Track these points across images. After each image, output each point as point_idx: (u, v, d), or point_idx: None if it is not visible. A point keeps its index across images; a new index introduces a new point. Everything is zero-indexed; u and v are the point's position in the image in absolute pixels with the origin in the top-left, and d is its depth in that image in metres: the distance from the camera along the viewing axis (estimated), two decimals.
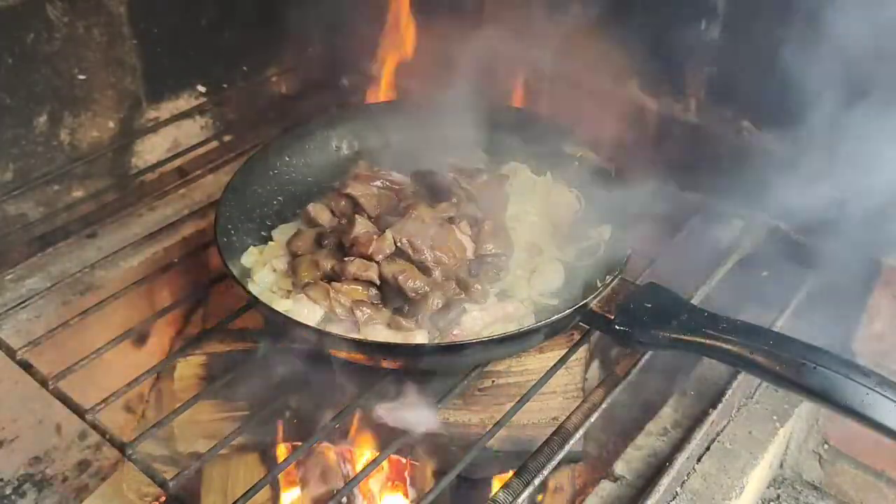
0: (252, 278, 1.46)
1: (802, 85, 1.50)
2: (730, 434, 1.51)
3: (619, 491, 1.40)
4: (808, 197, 1.59)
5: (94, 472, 1.93)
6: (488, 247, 1.44)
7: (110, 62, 1.88)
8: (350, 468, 1.54)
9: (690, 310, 1.28)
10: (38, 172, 1.81)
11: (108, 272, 1.72)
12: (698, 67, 1.65)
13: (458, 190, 1.50)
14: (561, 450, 1.20)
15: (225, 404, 1.52)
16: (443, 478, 1.20)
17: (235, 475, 1.57)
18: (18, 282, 1.74)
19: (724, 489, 1.41)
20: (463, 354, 1.31)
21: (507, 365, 1.49)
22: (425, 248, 1.38)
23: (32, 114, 1.78)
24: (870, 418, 1.07)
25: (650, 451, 1.46)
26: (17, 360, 1.39)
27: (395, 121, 1.78)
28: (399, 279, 1.33)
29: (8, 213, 1.78)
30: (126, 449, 1.24)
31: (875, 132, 1.45)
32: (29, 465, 1.83)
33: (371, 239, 1.38)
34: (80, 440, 1.91)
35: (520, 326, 1.32)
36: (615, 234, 1.52)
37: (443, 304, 1.34)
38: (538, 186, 1.65)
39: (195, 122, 2.12)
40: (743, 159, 1.66)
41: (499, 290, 1.45)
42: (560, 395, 1.46)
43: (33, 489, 1.84)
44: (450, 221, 1.46)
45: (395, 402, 1.32)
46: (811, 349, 1.17)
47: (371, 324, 1.33)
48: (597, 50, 1.78)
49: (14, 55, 1.70)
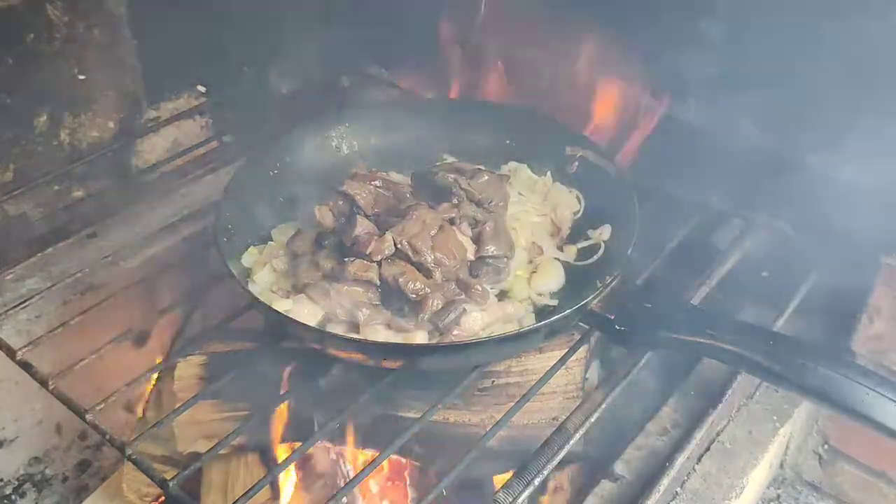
0: (252, 278, 1.46)
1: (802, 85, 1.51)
2: (730, 434, 1.51)
3: (619, 491, 1.40)
4: (807, 196, 1.60)
5: (94, 472, 1.93)
6: (489, 248, 1.44)
7: (110, 62, 1.89)
8: (350, 468, 1.54)
9: (690, 310, 1.28)
10: (38, 172, 1.81)
11: (108, 272, 1.72)
12: (698, 67, 1.65)
13: (458, 191, 1.50)
14: (561, 450, 1.20)
15: (225, 404, 1.52)
16: (443, 478, 1.20)
17: (235, 475, 1.57)
18: (19, 282, 1.74)
19: (724, 489, 1.41)
20: (463, 355, 1.31)
21: (507, 365, 1.49)
22: (426, 249, 1.38)
23: (33, 114, 1.78)
24: (870, 418, 1.07)
25: (650, 450, 1.46)
26: (18, 360, 1.39)
27: (396, 121, 1.78)
28: (399, 281, 1.33)
29: (8, 213, 1.79)
30: (126, 449, 1.24)
31: (876, 130, 1.45)
32: (29, 464, 1.84)
33: (371, 240, 1.37)
34: (81, 440, 1.91)
35: (520, 327, 1.32)
36: (615, 234, 1.52)
37: (443, 305, 1.34)
38: (538, 186, 1.65)
39: (195, 122, 2.13)
40: (743, 159, 1.66)
41: (499, 290, 1.45)
42: (560, 395, 1.46)
43: (33, 489, 1.84)
44: (450, 223, 1.46)
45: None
46: (811, 349, 1.17)
47: (371, 324, 1.33)
48: (598, 50, 1.78)
49: (14, 55, 1.70)
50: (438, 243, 1.40)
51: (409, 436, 1.26)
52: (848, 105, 1.48)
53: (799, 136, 1.58)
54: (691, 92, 1.69)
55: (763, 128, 1.62)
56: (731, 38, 1.57)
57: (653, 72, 1.73)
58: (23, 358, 1.38)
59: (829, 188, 1.56)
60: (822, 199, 1.57)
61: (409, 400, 1.45)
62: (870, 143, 1.48)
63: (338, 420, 1.29)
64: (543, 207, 1.60)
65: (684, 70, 1.66)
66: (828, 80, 1.49)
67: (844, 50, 1.44)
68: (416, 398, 1.45)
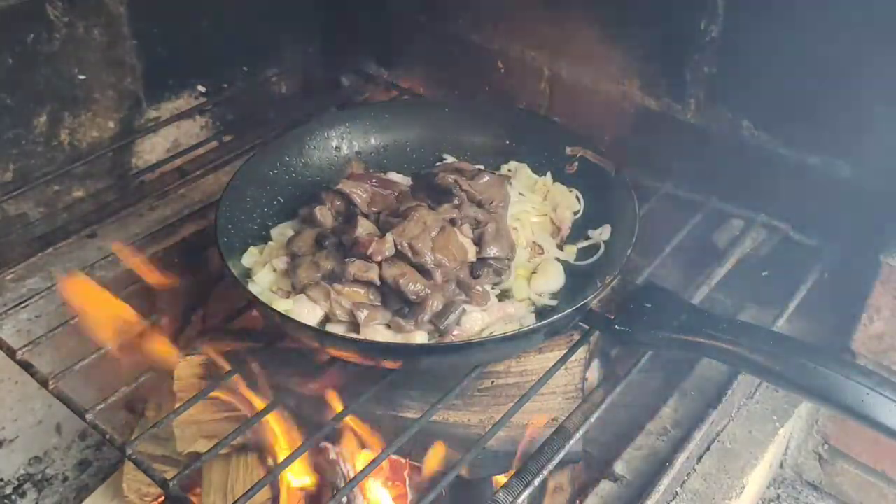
0: (252, 278, 1.45)
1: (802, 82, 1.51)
2: (730, 434, 1.51)
3: (620, 491, 1.40)
4: (807, 196, 1.60)
5: (94, 472, 1.93)
6: (491, 250, 1.44)
7: (110, 62, 1.89)
8: (350, 468, 1.54)
9: (690, 310, 1.28)
10: (38, 172, 1.81)
11: (108, 272, 1.72)
12: (698, 67, 1.65)
13: (459, 191, 1.50)
14: (561, 450, 1.20)
15: (225, 404, 1.52)
16: (442, 478, 1.20)
17: (235, 475, 1.57)
18: (19, 282, 1.74)
19: (724, 489, 1.41)
20: (463, 354, 1.31)
21: (507, 366, 1.49)
22: (426, 250, 1.38)
23: (32, 114, 1.78)
24: (870, 418, 1.07)
25: (650, 450, 1.46)
26: (18, 359, 1.39)
27: (396, 121, 1.78)
28: (400, 282, 1.33)
29: (8, 213, 1.79)
30: (126, 449, 1.24)
31: (877, 130, 1.45)
32: (29, 464, 1.84)
33: (372, 240, 1.38)
34: (81, 440, 1.91)
35: (520, 327, 1.32)
36: (615, 234, 1.51)
37: (443, 306, 1.34)
38: (538, 186, 1.65)
39: (195, 122, 2.13)
40: (743, 159, 1.66)
41: (499, 290, 1.45)
42: (560, 395, 1.46)
43: (33, 489, 1.84)
44: (451, 223, 1.46)
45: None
46: (811, 349, 1.17)
47: (371, 325, 1.33)
48: (597, 50, 1.78)
49: (14, 55, 1.70)
50: (439, 244, 1.40)
51: (409, 436, 1.26)
52: (848, 105, 1.48)
53: (799, 136, 1.58)
54: (691, 92, 1.69)
55: (763, 128, 1.62)
56: (732, 37, 1.58)
57: (652, 71, 1.73)
58: (23, 357, 1.39)
59: (830, 188, 1.56)
60: (822, 198, 1.58)
61: (408, 400, 1.45)
62: (870, 143, 1.48)
63: (338, 420, 1.29)
64: (543, 207, 1.60)
65: (684, 69, 1.67)
66: (828, 80, 1.49)
67: (844, 49, 1.44)
68: (416, 398, 1.45)
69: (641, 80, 1.76)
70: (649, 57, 1.72)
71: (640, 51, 1.73)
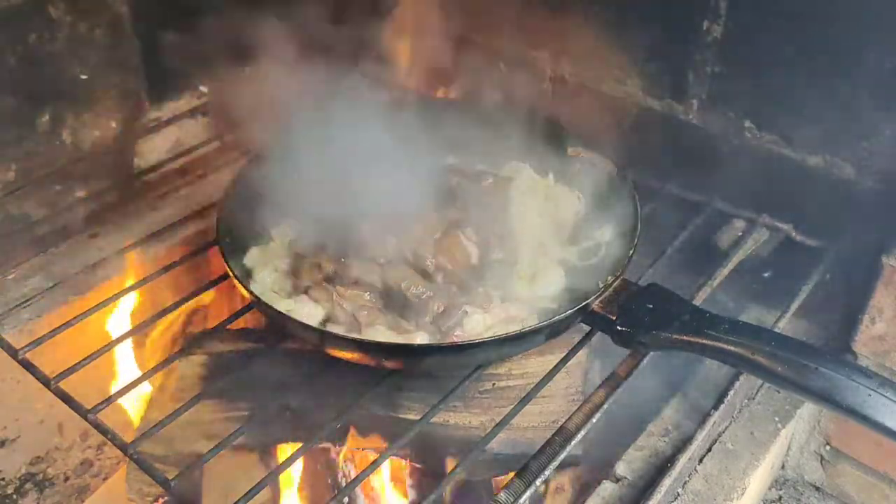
0: (254, 278, 1.45)
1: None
2: (731, 435, 1.51)
3: (621, 492, 1.40)
4: (808, 197, 1.59)
5: (95, 471, 1.93)
6: (494, 253, 1.44)
7: (113, 62, 1.89)
8: (351, 468, 1.54)
9: (692, 311, 1.28)
10: (40, 172, 1.81)
11: (109, 272, 1.72)
12: (700, 68, 1.65)
13: (462, 194, 1.50)
14: (562, 450, 1.20)
15: (226, 404, 1.52)
16: (443, 479, 1.20)
17: (236, 475, 1.57)
18: (20, 281, 1.74)
19: (725, 490, 1.41)
20: (464, 355, 1.31)
21: (508, 368, 1.49)
22: (428, 254, 1.38)
23: (35, 114, 1.78)
24: (872, 419, 1.07)
25: (652, 451, 1.46)
26: (19, 359, 1.39)
27: (396, 121, 1.77)
28: (402, 285, 1.33)
29: (10, 213, 1.79)
30: (128, 449, 1.24)
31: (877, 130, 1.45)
32: (31, 464, 1.84)
33: (374, 242, 1.38)
34: (82, 440, 1.91)
35: (521, 327, 1.31)
36: (616, 234, 1.51)
37: (445, 308, 1.34)
38: (540, 187, 1.65)
39: (197, 121, 2.12)
40: (745, 159, 1.65)
41: (501, 292, 1.45)
42: (561, 397, 1.46)
43: (35, 489, 1.85)
44: (454, 226, 1.46)
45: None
46: (813, 350, 1.16)
47: (373, 326, 1.33)
48: (599, 50, 1.78)
49: (16, 55, 1.70)
50: (442, 248, 1.40)
51: (409, 437, 1.26)
52: (851, 105, 1.48)
53: (801, 137, 1.58)
54: (693, 92, 1.68)
55: (765, 128, 1.62)
56: (734, 38, 1.58)
57: (653, 71, 1.73)
58: (24, 357, 1.39)
59: (832, 188, 1.56)
60: (824, 199, 1.57)
61: (409, 401, 1.45)
62: (872, 144, 1.48)
63: (339, 420, 1.29)
64: (545, 208, 1.60)
65: (686, 70, 1.66)
66: (831, 80, 1.49)
67: (847, 49, 1.43)
68: (417, 400, 1.45)
69: (643, 81, 1.76)
70: (651, 57, 1.72)
71: (642, 51, 1.73)
